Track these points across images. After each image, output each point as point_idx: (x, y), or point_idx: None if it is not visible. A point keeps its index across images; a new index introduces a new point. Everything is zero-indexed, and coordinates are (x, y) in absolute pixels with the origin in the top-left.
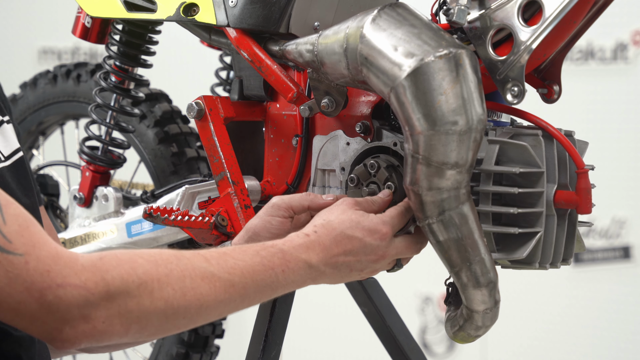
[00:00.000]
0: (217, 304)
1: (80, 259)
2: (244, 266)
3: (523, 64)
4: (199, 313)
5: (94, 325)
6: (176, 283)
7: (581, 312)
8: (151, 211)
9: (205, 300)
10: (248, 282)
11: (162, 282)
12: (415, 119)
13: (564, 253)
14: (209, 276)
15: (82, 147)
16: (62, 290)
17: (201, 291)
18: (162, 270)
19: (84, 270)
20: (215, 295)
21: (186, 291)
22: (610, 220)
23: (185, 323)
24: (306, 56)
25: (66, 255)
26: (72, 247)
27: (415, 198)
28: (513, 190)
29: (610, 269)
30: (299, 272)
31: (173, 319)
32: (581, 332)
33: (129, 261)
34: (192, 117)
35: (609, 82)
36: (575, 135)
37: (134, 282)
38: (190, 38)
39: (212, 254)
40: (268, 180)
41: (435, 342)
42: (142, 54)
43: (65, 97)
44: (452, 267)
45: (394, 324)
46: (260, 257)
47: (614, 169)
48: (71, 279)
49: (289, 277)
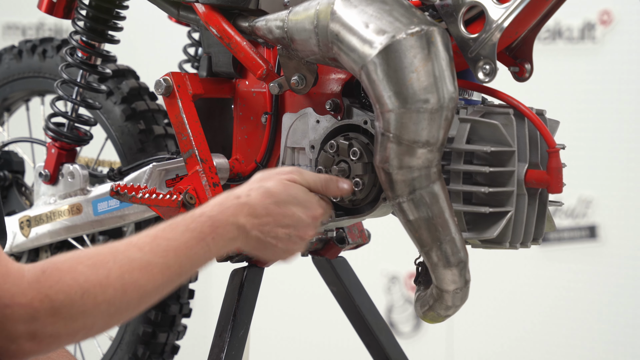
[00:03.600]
0: (156, 289)
1: (26, 275)
2: (177, 245)
3: (495, 42)
4: (140, 303)
5: (40, 340)
6: (116, 282)
7: (547, 292)
8: (118, 189)
9: (144, 290)
10: (183, 260)
11: (103, 285)
12: (386, 96)
13: (535, 232)
14: (145, 265)
15: (47, 124)
16: (9, 310)
17: (140, 283)
18: (101, 273)
19: (29, 289)
20: (154, 282)
21: (126, 287)
22: (576, 199)
23: (128, 315)
24: (276, 33)
25: (14, 271)
26: (38, 224)
27: (385, 177)
28: (484, 169)
29: (576, 248)
30: (228, 236)
31: (117, 315)
32: (547, 312)
33: (69, 271)
34: (160, 94)
35: (576, 62)
36: (546, 114)
37: (76, 292)
38: (158, 13)
39: (145, 240)
40: (237, 158)
41: (402, 321)
42: (109, 29)
43: (31, 73)
44: (423, 246)
45: (362, 304)
46: (190, 232)
47: (581, 149)
48: (18, 299)
49: (219, 242)
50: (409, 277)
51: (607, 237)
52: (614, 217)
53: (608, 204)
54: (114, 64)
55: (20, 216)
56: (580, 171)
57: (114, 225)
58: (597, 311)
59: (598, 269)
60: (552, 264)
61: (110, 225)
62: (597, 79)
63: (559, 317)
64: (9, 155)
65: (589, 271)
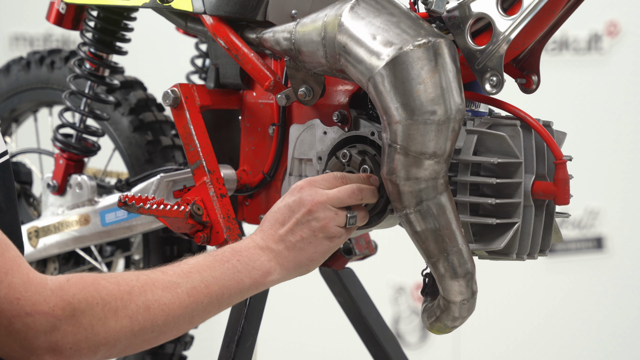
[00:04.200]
0: (183, 310)
1: (49, 284)
2: (199, 267)
3: (502, 53)
4: (167, 323)
5: (61, 353)
6: (138, 298)
7: (554, 303)
8: (126, 200)
9: (170, 310)
10: (208, 279)
11: (125, 300)
12: (394, 108)
13: (542, 244)
14: (169, 285)
15: (55, 135)
16: (30, 319)
17: (164, 301)
18: (124, 289)
19: (52, 296)
20: (180, 302)
21: (149, 304)
22: (583, 210)
23: (155, 336)
24: (283, 44)
25: (36, 280)
26: (46, 235)
27: (392, 188)
28: (491, 180)
29: (583, 259)
30: (254, 257)
31: (141, 334)
32: (554, 323)
33: (93, 283)
34: (168, 105)
35: (583, 73)
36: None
37: (98, 304)
38: (166, 25)
39: (167, 267)
40: (244, 169)
41: (409, 332)
42: (117, 40)
43: (39, 84)
44: (430, 257)
45: (369, 314)
46: (212, 256)
47: (587, 160)
48: (40, 307)
49: (248, 263)
50: (415, 288)
51: (613, 248)
52: (620, 228)
53: (615, 215)
54: (122, 75)
55: (29, 227)
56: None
57: (122, 236)
58: (604, 322)
59: (605, 280)
60: (558, 275)
61: (118, 236)
62: (604, 90)
63: (566, 328)
64: (17, 166)
65: (596, 282)
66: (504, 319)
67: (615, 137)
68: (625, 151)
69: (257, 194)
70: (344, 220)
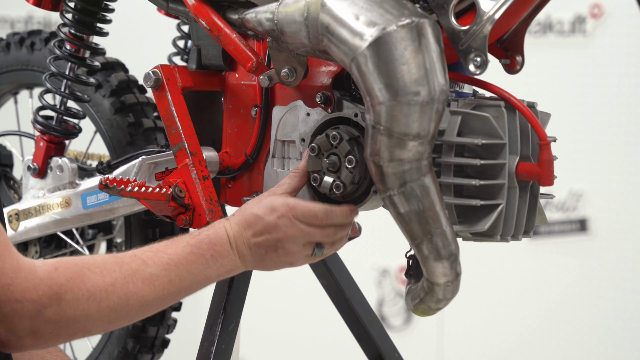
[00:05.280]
0: (156, 301)
1: (38, 271)
2: (178, 259)
3: (486, 34)
4: (140, 312)
5: (40, 337)
6: (121, 290)
7: (538, 285)
8: (107, 182)
9: (145, 301)
10: (184, 274)
11: (108, 292)
12: (377, 89)
13: (526, 225)
14: (149, 277)
15: (36, 117)
16: (19, 305)
17: (143, 293)
18: (107, 280)
19: (40, 284)
20: (155, 294)
21: (130, 296)
22: (567, 193)
23: (127, 322)
24: (266, 25)
25: (26, 266)
26: (27, 218)
27: (376, 169)
28: (475, 162)
29: (567, 241)
30: (224, 254)
31: (116, 321)
32: (537, 305)
33: (79, 273)
34: (149, 86)
35: (567, 55)
36: (537, 106)
37: (83, 295)
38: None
39: (148, 255)
40: (227, 151)
41: (393, 314)
42: (98, 21)
43: (19, 66)
44: (413, 239)
45: (353, 297)
46: (190, 247)
47: (571, 142)
48: (29, 294)
49: (219, 260)
50: (400, 270)
51: (597, 230)
52: (604, 210)
53: (599, 198)
54: (103, 57)
55: (9, 210)
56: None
57: (104, 219)
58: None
59: (588, 262)
60: (542, 257)
61: (99, 219)
62: (587, 72)
63: (550, 309)
64: None
65: (580, 264)
66: (488, 301)
67: (599, 119)
68: (610, 133)
69: (239, 176)
70: (311, 252)
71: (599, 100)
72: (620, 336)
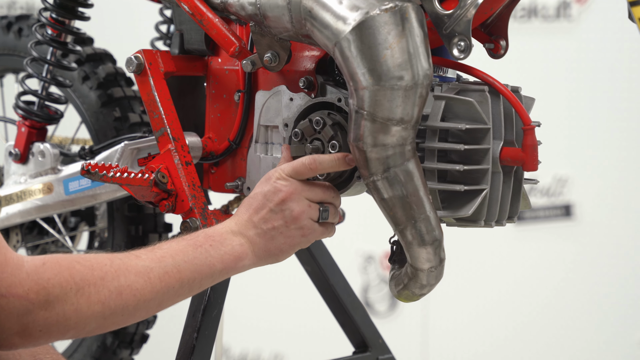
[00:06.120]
0: (154, 295)
1: (25, 266)
2: (173, 251)
3: (470, 18)
4: (137, 308)
5: (30, 335)
6: (111, 283)
7: (522, 270)
8: (89, 168)
9: (141, 294)
10: (181, 265)
11: (98, 286)
12: (360, 73)
13: (510, 210)
14: (142, 270)
15: (17, 102)
16: (4, 301)
17: (137, 286)
18: (97, 274)
19: (27, 279)
20: (152, 287)
21: (122, 290)
22: (551, 178)
23: (125, 319)
24: (248, 9)
25: (13, 261)
26: (8, 204)
27: (359, 155)
28: (459, 147)
29: (551, 227)
30: (226, 242)
31: (111, 318)
32: (522, 290)
33: (68, 268)
34: (131, 71)
35: (552, 40)
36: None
37: (72, 289)
38: None
39: (141, 250)
40: (209, 136)
41: (377, 300)
42: (79, 5)
43: (5, 51)
44: (397, 225)
45: (337, 283)
46: (186, 241)
47: (555, 127)
48: (15, 289)
49: (220, 248)
50: (384, 256)
51: (582, 215)
52: (589, 196)
53: (583, 183)
54: (91, 48)
55: None
56: (556, 150)
57: (86, 205)
58: (572, 289)
59: (573, 248)
60: (527, 243)
61: (81, 205)
62: (572, 57)
63: (534, 295)
64: None
65: (564, 250)
66: (473, 287)
67: (584, 104)
68: (594, 118)
69: (222, 161)
70: (317, 214)
71: (584, 86)
72: (605, 321)
